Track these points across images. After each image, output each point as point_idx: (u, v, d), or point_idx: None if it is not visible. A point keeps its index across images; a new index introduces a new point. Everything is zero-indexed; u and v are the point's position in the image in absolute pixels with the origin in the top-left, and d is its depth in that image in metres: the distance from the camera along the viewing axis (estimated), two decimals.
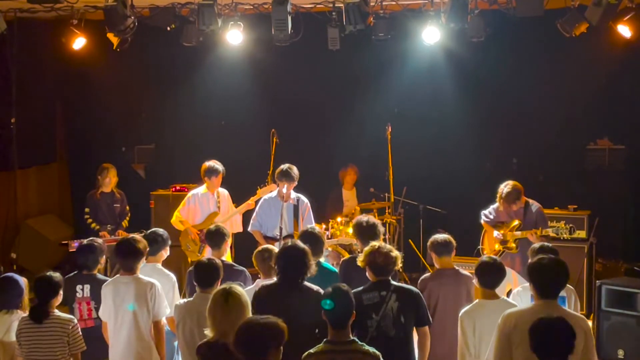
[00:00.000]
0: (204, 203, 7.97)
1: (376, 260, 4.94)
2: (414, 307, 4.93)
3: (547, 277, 4.37)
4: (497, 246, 7.41)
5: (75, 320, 5.07)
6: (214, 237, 6.05)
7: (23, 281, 5.27)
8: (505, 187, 7.26)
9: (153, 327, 5.32)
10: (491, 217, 7.49)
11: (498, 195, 7.31)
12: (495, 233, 7.37)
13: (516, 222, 7.27)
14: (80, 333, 5.02)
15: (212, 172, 7.88)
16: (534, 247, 5.68)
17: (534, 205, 7.33)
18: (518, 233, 7.21)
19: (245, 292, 4.40)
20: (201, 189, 8.02)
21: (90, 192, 8.49)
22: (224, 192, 8.08)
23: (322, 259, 5.74)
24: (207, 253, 7.56)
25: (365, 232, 5.87)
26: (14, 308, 5.12)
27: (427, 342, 5.04)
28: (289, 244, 5.02)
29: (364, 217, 6.14)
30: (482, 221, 7.57)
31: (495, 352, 4.35)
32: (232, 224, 7.76)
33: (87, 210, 8.41)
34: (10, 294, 5.15)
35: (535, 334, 3.78)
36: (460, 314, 4.95)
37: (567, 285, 5.54)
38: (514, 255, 7.22)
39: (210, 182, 7.91)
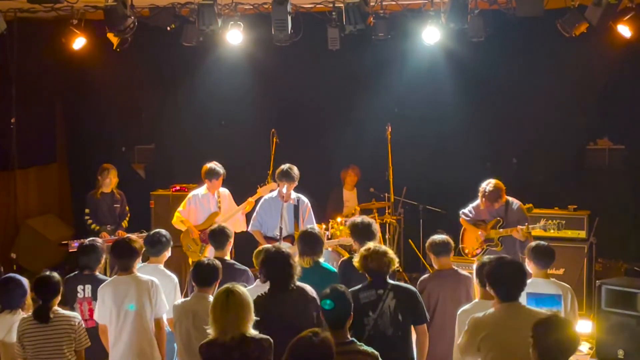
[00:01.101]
0: (204, 204, 7.96)
1: (369, 266, 4.96)
2: (411, 305, 4.94)
3: (506, 279, 4.32)
4: (478, 244, 7.40)
5: (80, 317, 5.10)
6: (218, 237, 6.04)
7: (26, 282, 5.28)
8: (487, 185, 7.25)
9: (154, 324, 5.33)
10: (471, 215, 7.49)
11: (480, 194, 7.31)
12: (480, 233, 7.37)
13: (498, 220, 7.27)
14: (85, 329, 5.05)
15: (212, 174, 7.88)
16: (530, 246, 5.67)
17: (515, 203, 7.33)
18: (503, 230, 7.22)
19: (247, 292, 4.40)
20: (201, 190, 8.02)
21: (90, 193, 8.49)
22: (224, 191, 8.08)
23: (321, 259, 5.74)
24: (209, 253, 7.57)
25: (361, 232, 5.88)
26: (16, 308, 5.13)
27: (426, 341, 5.05)
28: (272, 249, 5.01)
29: (358, 218, 6.16)
30: (461, 219, 7.58)
31: (462, 351, 4.37)
32: (235, 223, 7.74)
33: (87, 211, 8.41)
34: (13, 294, 5.14)
35: (539, 335, 3.74)
36: (458, 312, 4.94)
37: (564, 284, 5.57)
38: (499, 253, 7.20)
39: (211, 184, 7.91)
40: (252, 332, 4.19)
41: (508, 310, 4.24)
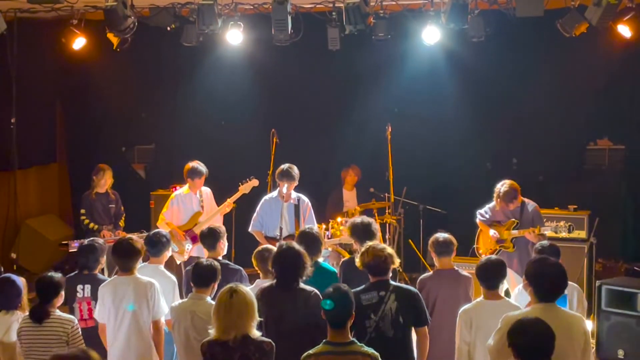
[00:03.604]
0: (187, 203, 7.95)
1: (364, 262, 4.98)
2: (412, 307, 4.93)
3: (548, 280, 4.31)
4: (492, 245, 7.40)
5: (76, 321, 5.07)
6: (208, 239, 6.02)
7: (21, 281, 5.27)
8: (502, 186, 7.25)
9: (152, 326, 5.32)
10: (487, 216, 7.48)
11: (495, 195, 7.30)
12: (492, 232, 7.36)
13: (513, 222, 7.27)
14: (81, 334, 5.02)
15: (195, 173, 7.88)
16: (537, 247, 5.66)
17: (530, 204, 7.33)
18: (515, 232, 7.21)
19: None
20: (183, 190, 8.03)
21: (85, 193, 8.48)
22: (207, 190, 8.07)
23: (320, 259, 5.74)
24: (194, 254, 7.58)
25: (361, 232, 5.88)
26: (12, 309, 5.12)
27: (426, 343, 5.04)
28: (285, 246, 5.01)
29: (358, 218, 6.16)
30: (477, 220, 7.57)
31: (495, 352, 4.34)
32: (214, 224, 7.73)
33: (82, 211, 8.39)
34: (8, 294, 5.14)
35: (514, 336, 3.75)
36: (459, 312, 4.94)
37: (571, 283, 5.56)
38: (511, 254, 7.21)
39: (193, 182, 7.91)
40: (256, 333, 4.17)
41: (544, 310, 4.19)
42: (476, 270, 5.04)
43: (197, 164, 7.91)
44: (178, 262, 7.83)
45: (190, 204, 7.96)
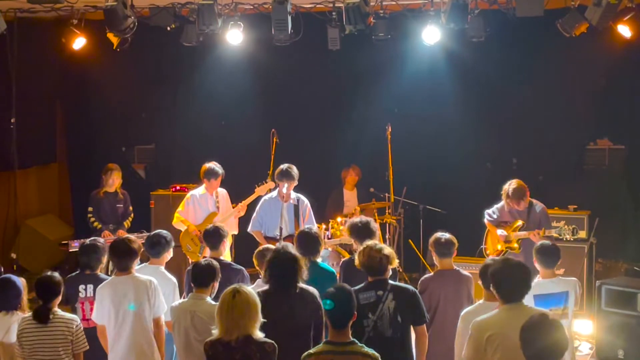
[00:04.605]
0: (202, 204, 7.97)
1: (361, 261, 4.97)
2: (410, 306, 4.92)
3: (510, 281, 4.30)
4: (499, 246, 7.39)
5: (79, 320, 5.08)
6: (212, 237, 6.04)
7: (21, 282, 5.27)
8: (509, 185, 7.23)
9: (154, 323, 5.32)
10: (494, 216, 7.46)
11: (504, 194, 7.26)
12: (499, 231, 7.35)
13: (519, 223, 7.26)
14: (83, 332, 5.03)
15: (211, 174, 7.89)
16: (537, 247, 5.66)
17: (538, 205, 7.32)
18: (521, 233, 7.19)
19: None
20: (200, 190, 8.03)
21: (94, 192, 8.51)
22: (222, 192, 8.08)
23: (319, 259, 5.74)
24: (208, 253, 7.55)
25: (360, 232, 5.88)
26: (12, 309, 5.11)
27: (425, 342, 5.03)
28: (280, 250, 4.96)
29: (357, 218, 6.17)
30: (485, 220, 7.55)
31: (469, 357, 4.34)
32: (228, 225, 7.73)
33: (90, 209, 8.42)
34: (8, 295, 5.13)
35: (527, 335, 3.72)
36: (462, 314, 4.93)
37: (570, 278, 5.57)
38: (517, 255, 7.19)
39: (210, 183, 7.92)
40: (258, 334, 4.16)
41: (511, 311, 4.21)
42: (480, 271, 5.02)
43: (214, 165, 7.93)
44: (191, 262, 7.81)
45: (206, 204, 7.97)
